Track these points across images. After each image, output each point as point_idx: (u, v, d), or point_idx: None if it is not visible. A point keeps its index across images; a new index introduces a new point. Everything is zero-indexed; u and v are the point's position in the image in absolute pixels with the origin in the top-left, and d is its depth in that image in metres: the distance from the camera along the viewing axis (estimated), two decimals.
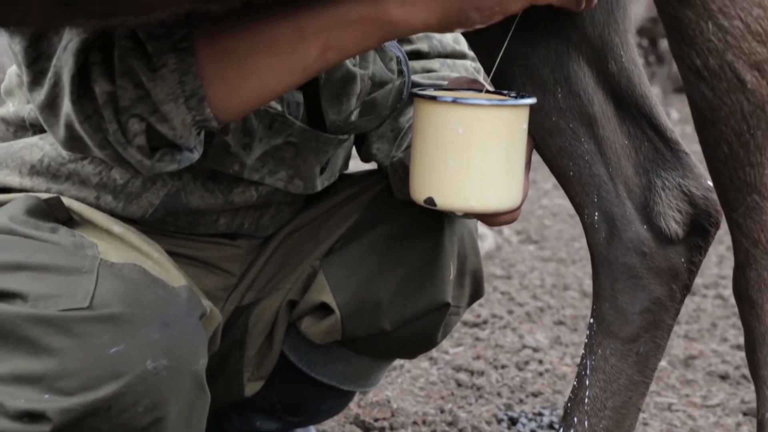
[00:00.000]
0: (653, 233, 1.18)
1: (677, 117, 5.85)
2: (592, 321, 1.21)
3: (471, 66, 1.47)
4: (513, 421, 1.87)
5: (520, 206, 1.16)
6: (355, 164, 1.55)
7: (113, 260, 1.14)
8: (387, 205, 1.45)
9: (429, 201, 1.09)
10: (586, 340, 1.23)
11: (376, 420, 1.84)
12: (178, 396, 1.12)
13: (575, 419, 1.20)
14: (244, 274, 1.46)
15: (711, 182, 1.12)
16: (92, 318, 1.07)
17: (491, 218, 1.19)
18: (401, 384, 2.04)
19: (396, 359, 1.74)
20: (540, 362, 2.18)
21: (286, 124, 1.31)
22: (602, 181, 1.18)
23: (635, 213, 1.18)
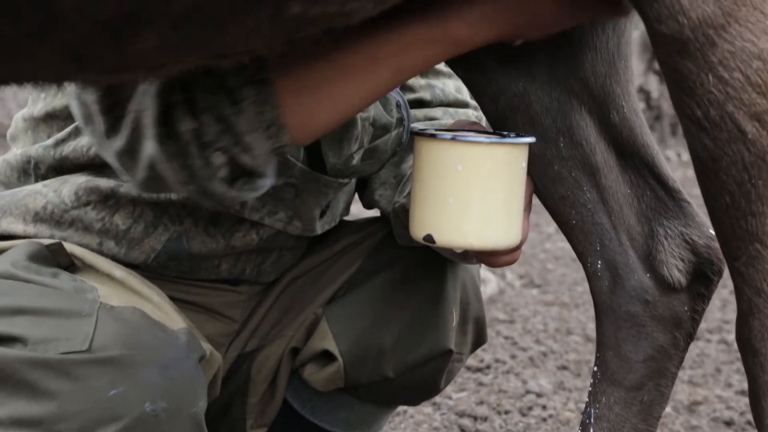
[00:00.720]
0: (656, 282, 1.18)
1: (677, 160, 5.87)
2: (596, 369, 1.21)
3: (473, 115, 1.48)
4: None
5: (520, 247, 1.16)
6: (357, 209, 1.55)
7: (113, 304, 1.14)
8: (389, 252, 1.45)
9: (428, 238, 1.09)
10: (590, 388, 1.22)
11: None
12: None
13: None
14: (247, 321, 1.45)
15: (713, 231, 1.12)
16: (91, 361, 1.07)
17: (491, 258, 1.19)
18: (404, 430, 2.02)
19: (399, 406, 1.73)
20: (543, 408, 2.16)
21: (287, 165, 1.31)
22: (605, 230, 1.18)
23: (638, 261, 1.18)
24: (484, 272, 2.92)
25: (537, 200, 1.24)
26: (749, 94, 0.88)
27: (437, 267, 1.43)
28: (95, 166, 1.30)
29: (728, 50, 0.88)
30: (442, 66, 1.48)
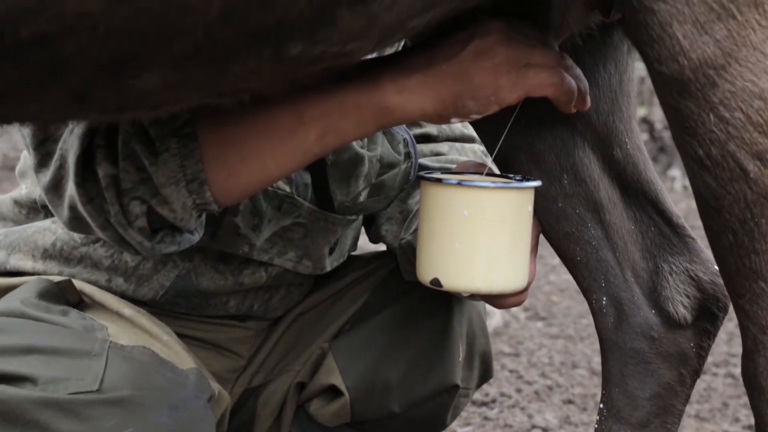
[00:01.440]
0: (661, 318, 1.18)
1: (682, 192, 5.87)
2: (602, 406, 1.21)
3: (479, 149, 1.49)
4: None
5: (527, 289, 1.17)
6: (363, 242, 1.56)
7: (123, 343, 1.15)
8: (395, 287, 1.45)
9: (435, 282, 1.10)
10: (596, 425, 1.22)
11: None
12: None
13: None
14: (253, 356, 1.46)
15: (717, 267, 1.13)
16: (101, 401, 1.08)
17: (498, 300, 1.20)
18: None
19: None
20: None
21: (295, 206, 1.32)
22: (610, 266, 1.18)
23: (643, 298, 1.19)
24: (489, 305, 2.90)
25: (541, 235, 1.24)
26: (750, 134, 0.89)
27: (443, 302, 1.43)
28: None
29: (729, 90, 0.89)
30: None
